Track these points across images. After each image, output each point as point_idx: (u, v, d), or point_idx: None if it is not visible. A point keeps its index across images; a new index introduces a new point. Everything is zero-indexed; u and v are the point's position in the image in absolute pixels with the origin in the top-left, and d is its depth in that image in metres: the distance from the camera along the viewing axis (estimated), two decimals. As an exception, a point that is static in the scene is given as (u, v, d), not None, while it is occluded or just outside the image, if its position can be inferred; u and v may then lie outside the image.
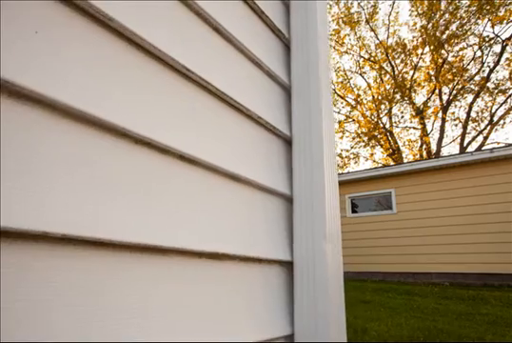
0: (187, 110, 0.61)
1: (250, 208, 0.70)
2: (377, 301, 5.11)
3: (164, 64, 0.59)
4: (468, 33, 14.84)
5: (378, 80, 17.33)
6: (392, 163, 16.55)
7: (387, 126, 17.18)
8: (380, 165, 17.30)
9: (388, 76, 17.11)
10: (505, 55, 14.53)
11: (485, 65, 14.92)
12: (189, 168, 0.59)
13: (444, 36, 15.14)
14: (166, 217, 0.52)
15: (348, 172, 9.65)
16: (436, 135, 16.41)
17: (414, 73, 16.46)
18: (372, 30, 16.78)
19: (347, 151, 17.63)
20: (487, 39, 14.68)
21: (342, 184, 9.24)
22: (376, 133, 16.95)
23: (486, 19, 14.33)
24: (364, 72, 17.82)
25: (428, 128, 16.76)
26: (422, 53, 16.10)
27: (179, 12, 0.61)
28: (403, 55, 16.48)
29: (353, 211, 8.96)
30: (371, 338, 3.04)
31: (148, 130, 0.52)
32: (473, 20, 14.52)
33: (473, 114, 15.66)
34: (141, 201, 0.50)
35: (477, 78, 15.15)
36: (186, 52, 0.61)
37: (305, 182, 0.77)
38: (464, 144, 15.72)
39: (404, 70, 16.81)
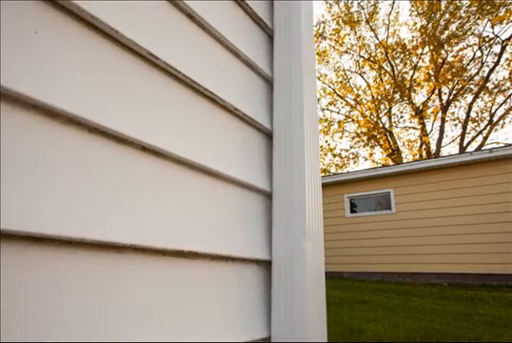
0: (151, 99, 0.57)
1: (223, 203, 0.66)
2: (375, 301, 5.08)
3: (124, 48, 0.55)
4: (468, 33, 14.82)
5: (378, 80, 17.31)
6: (392, 163, 16.53)
7: (387, 126, 17.16)
8: (379, 165, 17.28)
9: (388, 76, 17.08)
10: (505, 55, 14.51)
11: (485, 65, 14.90)
12: (152, 159, 0.55)
13: (444, 36, 15.11)
14: (121, 212, 0.49)
15: (347, 172, 9.63)
16: (435, 135, 16.39)
17: (414, 73, 16.43)
18: (372, 29, 16.76)
19: (347, 150, 17.60)
20: (487, 39, 14.65)
21: (340, 184, 9.22)
22: (375, 133, 16.92)
23: (486, 19, 14.31)
24: (364, 72, 17.80)
25: (428, 128, 16.75)
26: (421, 53, 16.07)
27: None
28: (402, 55, 16.45)
29: (352, 211, 8.94)
30: (367, 339, 3.01)
31: (106, 118, 0.49)
32: (473, 20, 14.50)
33: (473, 114, 15.64)
34: (96, 195, 0.47)
35: (476, 78, 15.12)
36: (148, 37, 0.57)
37: (284, 178, 0.73)
38: (464, 144, 15.70)
39: (404, 70, 16.79)
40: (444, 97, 16.14)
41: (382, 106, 17.12)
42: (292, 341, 0.58)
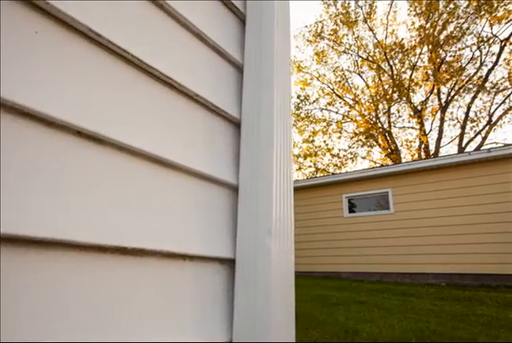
0: (94, 79, 0.52)
1: (180, 197, 0.61)
2: (372, 302, 5.03)
3: (62, 24, 0.50)
4: (467, 33, 14.80)
5: (376, 80, 17.29)
6: (390, 163, 16.49)
7: (385, 126, 17.13)
8: (378, 165, 17.23)
9: (387, 76, 17.06)
10: (504, 55, 14.49)
11: (484, 65, 14.87)
12: (90, 146, 0.50)
13: (443, 36, 15.09)
14: (57, 205, 0.44)
15: (345, 172, 9.59)
16: (434, 135, 16.36)
17: (412, 73, 16.41)
18: (370, 29, 16.74)
19: (345, 150, 17.56)
20: (485, 39, 14.64)
21: (338, 184, 9.18)
22: (374, 133, 16.89)
23: (485, 19, 14.30)
24: (363, 72, 17.78)
25: (427, 128, 16.72)
26: (420, 53, 16.05)
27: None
28: (400, 55, 16.43)
29: (350, 211, 8.90)
30: (362, 339, 2.96)
31: (37, 101, 0.45)
32: (471, 20, 14.48)
33: (471, 114, 15.62)
34: (24, 186, 0.43)
35: (475, 78, 15.10)
36: (88, 13, 0.52)
37: (250, 170, 0.69)
38: (463, 144, 15.67)
39: (402, 69, 16.76)
40: (443, 97, 16.13)
41: (380, 105, 17.09)
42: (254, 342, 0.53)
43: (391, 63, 16.73)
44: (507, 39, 14.15)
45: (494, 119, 14.95)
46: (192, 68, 0.69)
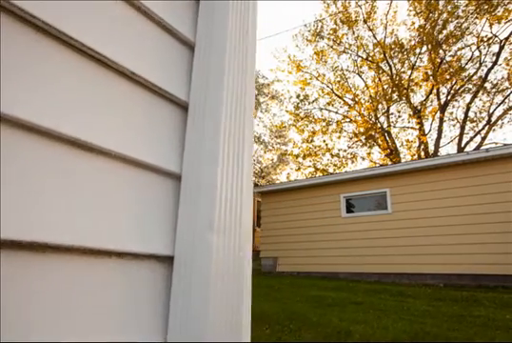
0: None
1: (112, 187, 0.56)
2: (368, 303, 4.99)
3: None
4: (466, 33, 14.75)
5: (376, 80, 17.24)
6: (390, 163, 16.44)
7: (385, 126, 17.08)
8: (377, 165, 17.18)
9: (386, 76, 17.01)
10: (503, 55, 14.44)
11: (483, 65, 14.82)
12: (9, 131, 0.44)
13: (442, 36, 15.04)
14: None
15: (343, 172, 9.55)
16: (434, 136, 16.31)
17: (412, 73, 16.36)
18: (370, 29, 16.69)
19: (344, 150, 17.51)
20: (485, 39, 14.58)
21: (336, 184, 9.14)
22: (373, 133, 16.84)
23: (484, 19, 14.24)
24: (362, 72, 17.73)
25: (426, 128, 16.67)
26: (419, 53, 16.00)
27: None
28: (400, 55, 16.38)
29: (348, 211, 8.85)
30: (354, 341, 2.92)
31: None
32: (471, 19, 14.43)
33: (471, 114, 15.57)
34: None
35: (475, 78, 15.05)
36: None
37: (194, 158, 0.63)
38: (462, 144, 15.62)
39: (402, 69, 16.72)
40: (443, 97, 16.08)
41: (379, 105, 17.05)
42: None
43: (391, 63, 16.69)
44: (507, 39, 14.10)
45: (493, 119, 14.90)
46: (130, 44, 0.63)
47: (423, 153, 16.33)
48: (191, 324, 0.51)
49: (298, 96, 17.90)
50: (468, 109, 15.39)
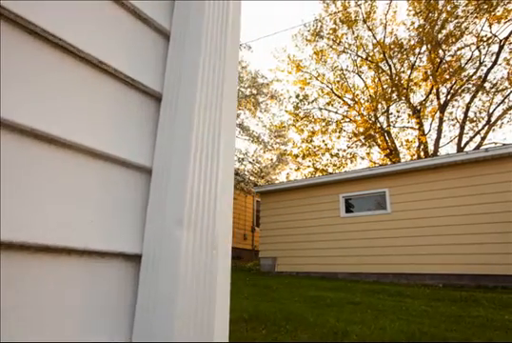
0: None
1: (77, 181, 0.52)
2: (366, 303, 4.96)
3: None
4: (466, 33, 14.72)
5: (376, 80, 17.21)
6: (389, 163, 16.41)
7: (384, 125, 17.05)
8: (376, 165, 17.16)
9: (385, 76, 16.98)
10: (503, 55, 14.41)
11: (483, 64, 14.79)
12: None
13: (442, 36, 15.02)
14: None
15: (342, 172, 9.52)
16: (434, 136, 16.29)
17: (411, 73, 16.33)
18: (369, 29, 16.67)
19: (344, 150, 17.48)
20: (485, 39, 14.56)
21: (335, 183, 9.11)
22: (373, 133, 16.82)
23: (484, 18, 14.22)
24: (362, 72, 17.71)
25: (426, 128, 16.64)
26: (419, 53, 15.98)
27: None
28: (399, 55, 16.36)
29: (347, 211, 8.83)
30: (351, 341, 2.90)
31: None
32: (470, 19, 14.41)
33: (471, 114, 15.54)
34: None
35: (474, 78, 15.03)
36: None
37: (165, 151, 0.59)
38: (462, 144, 15.59)
39: (402, 69, 16.69)
40: (442, 97, 16.05)
41: (379, 105, 17.02)
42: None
43: (390, 63, 16.66)
44: (507, 38, 14.07)
45: (493, 119, 14.87)
46: (96, 29, 0.59)
47: (422, 153, 16.30)
48: (157, 325, 0.49)
49: (297, 96, 17.87)
50: (468, 108, 15.37)
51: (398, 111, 17.03)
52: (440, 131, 15.91)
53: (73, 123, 0.53)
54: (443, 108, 15.86)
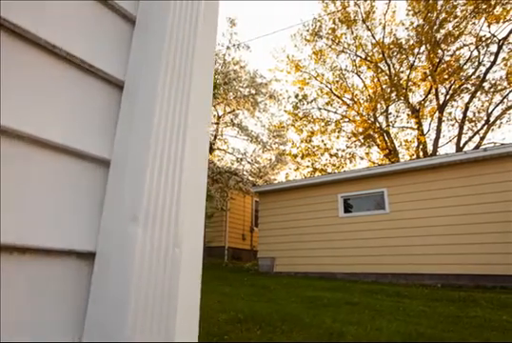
0: None
1: (22, 173, 0.48)
2: (364, 303, 4.94)
3: None
4: (465, 33, 14.71)
5: (375, 80, 17.19)
6: (388, 163, 16.38)
7: (383, 125, 17.03)
8: (375, 165, 17.13)
9: (385, 76, 16.96)
10: (502, 55, 14.39)
11: (482, 64, 14.78)
12: None
13: (441, 35, 15.00)
14: None
15: (340, 172, 9.50)
16: (433, 136, 16.27)
17: (410, 73, 16.31)
18: (369, 29, 16.65)
19: (343, 150, 17.46)
20: (484, 39, 14.54)
21: (334, 183, 9.09)
22: (372, 133, 16.80)
23: (483, 18, 14.20)
24: (361, 72, 17.68)
25: (425, 128, 16.63)
26: (418, 53, 15.96)
27: None
28: (399, 55, 16.34)
29: (345, 211, 8.80)
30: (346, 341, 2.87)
31: None
32: (469, 19, 14.39)
33: (470, 114, 15.52)
34: None
35: (473, 78, 15.00)
36: None
37: (124, 142, 0.56)
38: (461, 144, 15.56)
39: (401, 69, 16.67)
40: (441, 97, 16.03)
41: (378, 105, 17.00)
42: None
43: (389, 63, 16.64)
44: (505, 38, 14.06)
45: (492, 119, 14.85)
46: (51, 12, 0.55)
47: (421, 154, 16.28)
48: (108, 327, 0.46)
49: (296, 96, 17.85)
50: (467, 108, 15.34)
51: (397, 111, 17.02)
52: (439, 130, 15.89)
53: (24, 112, 0.49)
54: (442, 108, 15.84)
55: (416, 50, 15.91)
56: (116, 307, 0.45)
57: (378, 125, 17.02)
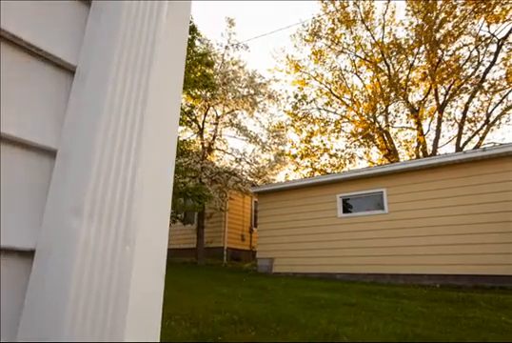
0: None
1: None
2: (361, 304, 4.90)
3: None
4: (464, 33, 14.68)
5: (374, 80, 17.16)
6: (387, 163, 16.34)
7: (383, 125, 17.00)
8: (374, 165, 17.09)
9: (384, 76, 16.93)
10: (501, 55, 14.36)
11: (481, 64, 14.74)
12: None
13: (440, 35, 14.97)
14: None
15: (339, 172, 9.47)
16: (432, 136, 16.23)
17: (410, 73, 16.28)
18: (368, 29, 16.62)
19: (342, 151, 17.43)
20: (483, 39, 14.51)
21: (333, 184, 9.06)
22: (371, 133, 16.77)
23: (482, 18, 14.18)
24: (360, 72, 17.66)
25: (425, 128, 16.59)
26: (417, 53, 15.93)
27: None
28: (398, 55, 16.31)
29: (344, 211, 8.77)
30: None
31: None
32: (469, 19, 14.36)
33: (469, 114, 15.48)
34: None
35: (473, 78, 14.97)
36: None
37: (72, 129, 0.52)
38: (461, 144, 15.52)
39: (400, 69, 16.64)
40: (441, 97, 15.99)
41: (377, 105, 16.97)
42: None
43: (389, 63, 16.61)
44: (505, 38, 14.03)
45: (492, 119, 14.81)
46: None
47: (421, 154, 16.25)
48: (43, 331, 0.42)
49: (296, 96, 17.83)
50: (466, 108, 15.31)
51: (396, 111, 16.99)
52: (438, 131, 15.85)
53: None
54: (441, 108, 15.80)
55: (415, 50, 15.89)
56: (51, 311, 0.42)
57: (377, 125, 16.99)
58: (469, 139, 15.51)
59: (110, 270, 0.46)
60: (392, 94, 16.43)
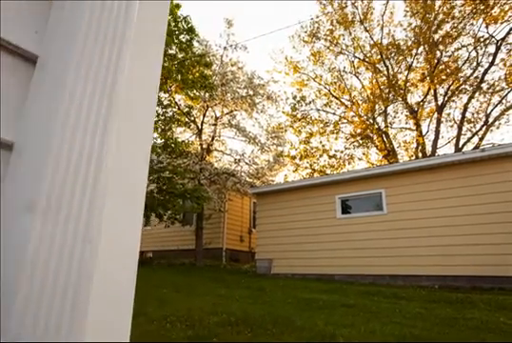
0: None
1: None
2: (360, 305, 4.87)
3: None
4: (463, 33, 14.69)
5: (373, 81, 17.17)
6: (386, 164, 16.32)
7: (382, 126, 17.00)
8: (373, 166, 17.07)
9: (383, 77, 16.94)
10: (500, 56, 14.37)
11: (480, 65, 14.75)
12: None
13: (439, 36, 14.98)
14: None
15: (338, 173, 9.45)
16: (432, 137, 16.22)
17: (409, 74, 16.29)
18: (367, 30, 16.64)
19: (341, 151, 17.41)
20: (482, 40, 14.52)
21: (332, 184, 9.03)
22: (371, 134, 16.76)
23: (481, 19, 14.19)
24: (359, 73, 17.66)
25: (424, 129, 16.58)
26: (416, 54, 15.94)
27: None
28: (397, 56, 16.32)
29: (343, 212, 8.74)
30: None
31: None
32: (467, 20, 14.38)
33: (468, 115, 15.48)
34: None
35: (472, 79, 14.97)
36: None
37: (31, 121, 0.50)
38: (460, 145, 15.51)
39: (399, 70, 16.65)
40: (440, 98, 15.99)
41: (376, 106, 16.97)
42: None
43: (387, 64, 16.62)
44: (503, 39, 14.04)
45: (491, 120, 14.81)
46: None
47: (420, 155, 16.23)
48: None
49: (295, 97, 17.83)
50: (465, 109, 15.31)
51: (395, 112, 16.99)
52: (437, 131, 15.84)
53: None
54: (440, 108, 15.80)
55: (414, 51, 15.89)
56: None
57: (376, 126, 16.98)
58: (468, 140, 15.51)
59: (68, 268, 0.43)
60: (391, 95, 16.43)
